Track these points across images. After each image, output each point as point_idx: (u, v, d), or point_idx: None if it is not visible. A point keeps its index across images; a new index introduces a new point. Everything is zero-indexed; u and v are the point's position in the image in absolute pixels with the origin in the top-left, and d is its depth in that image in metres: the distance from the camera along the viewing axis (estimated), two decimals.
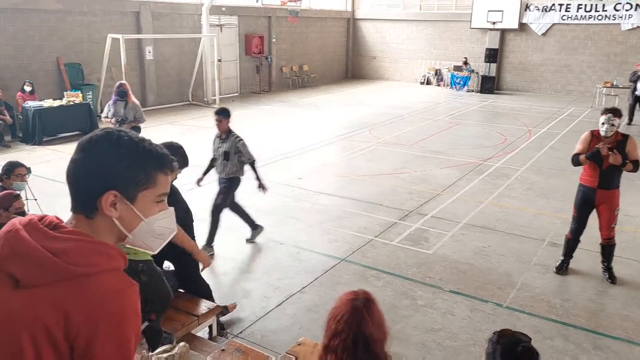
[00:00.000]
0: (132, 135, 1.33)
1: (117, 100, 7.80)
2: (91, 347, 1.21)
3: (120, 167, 1.29)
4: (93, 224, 1.31)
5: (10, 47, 12.24)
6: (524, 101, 18.56)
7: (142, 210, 1.34)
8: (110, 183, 1.28)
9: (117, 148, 1.29)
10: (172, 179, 3.77)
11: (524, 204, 7.91)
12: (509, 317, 4.80)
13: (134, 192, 1.31)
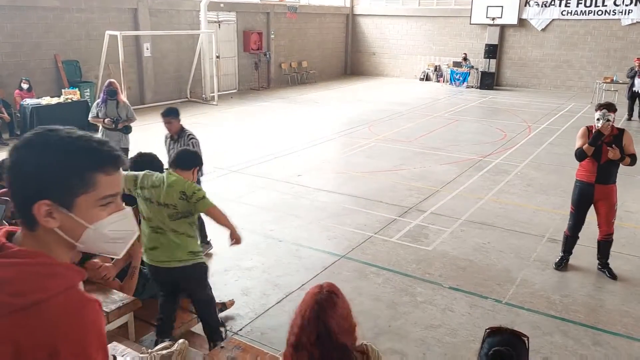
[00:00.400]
0: (66, 132, 1.19)
1: (107, 100, 7.48)
2: None
3: (49, 173, 1.15)
4: (37, 237, 1.19)
5: (7, 45, 12.20)
6: (523, 97, 18.54)
7: (85, 217, 1.20)
8: (41, 191, 1.15)
9: (44, 151, 1.15)
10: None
11: (524, 200, 7.90)
12: (508, 313, 4.79)
13: (70, 199, 1.18)
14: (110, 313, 3.48)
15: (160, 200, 3.68)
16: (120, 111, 7.43)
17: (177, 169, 3.79)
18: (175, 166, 3.81)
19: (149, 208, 3.73)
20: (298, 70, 21.59)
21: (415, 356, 4.18)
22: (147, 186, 3.71)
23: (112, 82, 7.65)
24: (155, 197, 3.70)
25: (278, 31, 20.37)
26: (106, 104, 7.44)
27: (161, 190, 3.69)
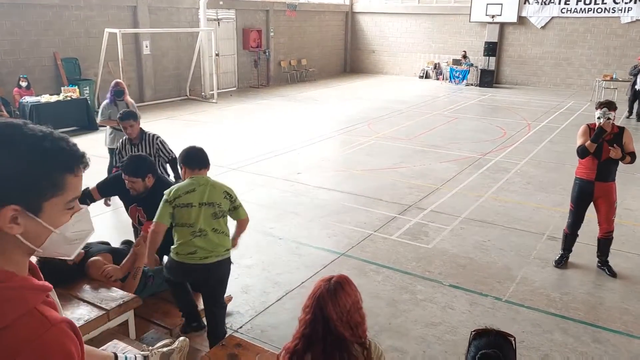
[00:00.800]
0: (30, 130, 1.08)
1: (115, 101, 7.39)
2: None
3: (17, 175, 1.04)
4: None
5: (6, 42, 12.18)
6: (523, 95, 18.53)
7: (51, 221, 1.12)
8: (8, 196, 1.04)
9: (11, 150, 1.04)
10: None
11: (523, 197, 7.90)
12: (508, 310, 4.79)
13: (38, 203, 1.08)
14: (110, 311, 3.49)
15: (204, 200, 3.68)
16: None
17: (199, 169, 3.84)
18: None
19: (189, 213, 3.66)
20: (297, 68, 21.57)
21: (415, 354, 4.19)
22: (181, 194, 3.67)
23: (119, 82, 7.55)
24: (197, 199, 3.67)
25: (277, 29, 20.34)
26: (115, 104, 7.33)
27: (204, 191, 3.69)
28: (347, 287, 2.27)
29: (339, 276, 2.33)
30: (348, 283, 2.30)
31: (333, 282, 2.27)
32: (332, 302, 2.21)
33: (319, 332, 2.21)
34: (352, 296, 2.26)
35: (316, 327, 2.22)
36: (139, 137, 5.54)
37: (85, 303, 3.53)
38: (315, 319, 2.22)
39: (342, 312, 2.22)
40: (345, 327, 2.22)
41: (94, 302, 3.54)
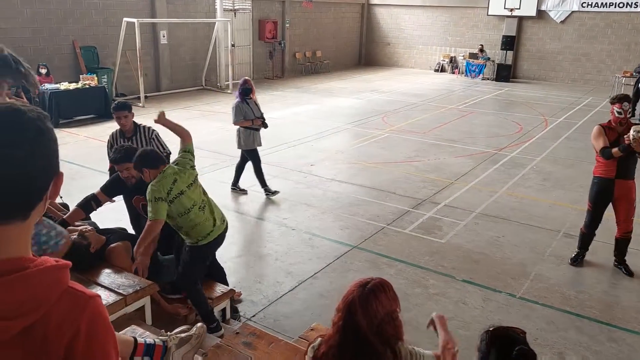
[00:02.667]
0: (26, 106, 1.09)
1: (245, 99, 7.03)
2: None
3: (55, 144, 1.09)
4: (27, 224, 1.07)
5: (27, 30, 12.30)
6: (540, 90, 18.33)
7: None
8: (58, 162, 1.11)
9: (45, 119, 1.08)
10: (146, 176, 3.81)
11: (540, 194, 7.83)
12: (522, 307, 4.77)
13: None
14: (127, 296, 3.54)
15: (188, 182, 3.87)
16: (258, 110, 7.17)
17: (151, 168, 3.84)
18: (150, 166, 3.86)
19: (185, 198, 3.82)
20: (312, 60, 21.51)
21: (427, 348, 4.18)
22: (171, 187, 3.77)
23: (248, 80, 7.28)
24: (183, 185, 3.83)
25: (293, 20, 20.29)
26: (248, 104, 7.06)
27: (181, 176, 3.84)
28: (382, 296, 2.07)
29: (375, 282, 2.12)
30: (384, 290, 2.10)
31: (367, 289, 2.07)
32: (363, 310, 2.03)
33: (348, 339, 2.05)
34: (387, 306, 2.06)
35: (346, 333, 2.05)
36: (132, 130, 5.20)
37: (103, 288, 3.58)
38: (346, 325, 2.06)
39: (372, 322, 2.03)
40: (376, 338, 2.04)
41: (111, 288, 3.59)
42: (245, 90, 7.06)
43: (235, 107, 7.05)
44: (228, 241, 5.89)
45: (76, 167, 8.46)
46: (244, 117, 6.99)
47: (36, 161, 1.03)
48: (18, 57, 2.55)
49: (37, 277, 1.04)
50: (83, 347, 1.06)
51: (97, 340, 1.09)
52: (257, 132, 7.17)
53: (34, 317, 1.02)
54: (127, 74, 14.51)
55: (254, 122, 7.06)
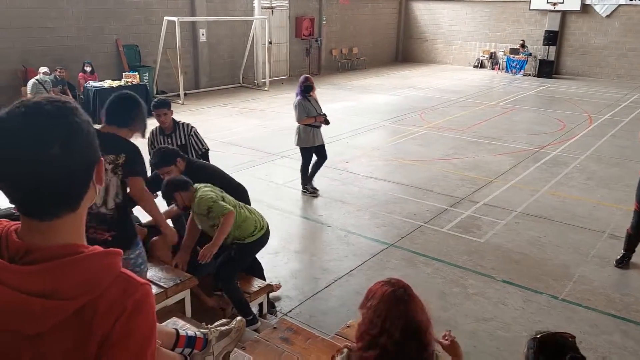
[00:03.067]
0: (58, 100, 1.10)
1: (306, 97, 6.96)
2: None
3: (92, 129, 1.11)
4: (77, 214, 1.10)
5: (72, 28, 12.68)
6: (584, 86, 17.77)
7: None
8: (98, 151, 1.12)
9: (80, 113, 1.09)
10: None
11: (583, 193, 7.60)
12: (564, 309, 4.64)
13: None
14: (168, 289, 3.61)
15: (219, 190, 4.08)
16: (318, 108, 7.14)
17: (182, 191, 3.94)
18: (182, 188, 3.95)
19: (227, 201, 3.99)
20: (348, 56, 21.45)
21: (465, 348, 4.09)
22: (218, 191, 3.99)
23: (309, 77, 7.22)
24: (219, 191, 4.02)
25: (330, 17, 20.27)
26: (306, 101, 6.99)
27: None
28: (417, 299, 2.05)
29: (395, 279, 2.10)
30: (407, 284, 2.08)
31: (402, 285, 2.06)
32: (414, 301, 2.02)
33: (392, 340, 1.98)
34: (423, 307, 2.05)
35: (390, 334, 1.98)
36: (171, 127, 5.13)
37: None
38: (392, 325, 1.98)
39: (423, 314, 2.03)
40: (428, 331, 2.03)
41: (153, 280, 3.67)
42: (306, 87, 7.01)
43: (298, 104, 6.98)
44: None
45: None
46: (307, 114, 6.94)
47: (72, 155, 1.03)
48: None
49: (90, 260, 1.08)
50: (124, 325, 1.09)
51: (139, 322, 1.12)
52: (318, 129, 7.13)
53: (87, 298, 1.06)
54: (167, 72, 14.80)
55: (317, 119, 7.04)
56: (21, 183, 1.02)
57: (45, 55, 12.04)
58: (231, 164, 7.95)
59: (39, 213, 1.06)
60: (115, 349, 1.09)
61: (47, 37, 12.29)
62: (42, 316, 1.03)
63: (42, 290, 1.02)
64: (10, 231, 1.11)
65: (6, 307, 1.02)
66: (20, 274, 1.02)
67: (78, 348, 1.08)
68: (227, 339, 2.45)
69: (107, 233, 3.15)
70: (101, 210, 3.12)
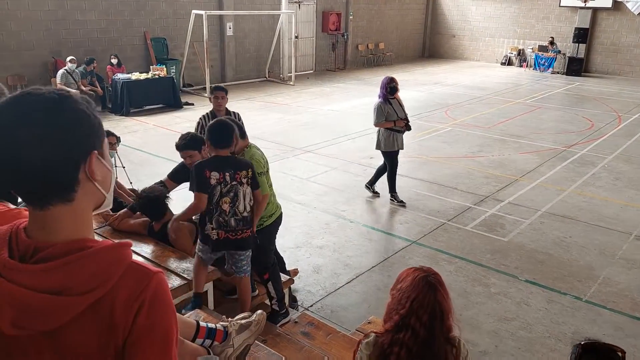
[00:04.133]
0: (55, 90, 1.10)
1: (389, 99, 6.62)
2: (134, 352, 1.12)
3: (91, 120, 1.10)
4: (74, 207, 1.10)
5: (102, 21, 12.90)
6: (614, 85, 17.38)
7: (108, 162, 1.17)
8: (91, 143, 1.09)
9: (71, 102, 1.08)
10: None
11: (611, 194, 7.46)
12: (588, 311, 4.58)
13: (102, 146, 1.14)
14: (192, 281, 3.67)
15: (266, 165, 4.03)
16: (402, 109, 6.75)
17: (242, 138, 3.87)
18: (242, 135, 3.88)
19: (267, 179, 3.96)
20: (374, 52, 21.34)
21: (487, 347, 4.11)
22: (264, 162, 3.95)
23: (394, 78, 6.86)
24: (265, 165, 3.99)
25: (357, 12, 20.19)
26: (390, 103, 6.62)
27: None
28: (445, 287, 2.14)
29: (427, 267, 2.19)
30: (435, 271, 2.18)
31: (433, 273, 2.14)
32: (443, 288, 2.10)
33: (421, 322, 2.05)
34: (449, 297, 2.14)
35: (419, 316, 2.05)
36: (225, 113, 5.33)
37: (169, 272, 3.74)
38: (421, 308, 2.06)
39: (449, 304, 2.10)
40: (451, 318, 2.12)
41: (177, 272, 3.74)
42: (392, 88, 6.64)
43: (377, 107, 6.66)
44: (287, 231, 6.02)
45: (145, 154, 8.83)
46: (386, 118, 6.58)
47: (48, 142, 1.02)
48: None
49: (100, 255, 1.09)
50: (145, 318, 1.11)
51: (159, 314, 1.14)
52: (400, 134, 6.72)
53: (100, 292, 1.07)
54: (194, 65, 14.95)
55: (397, 123, 6.62)
56: (3, 162, 1.03)
57: (75, 47, 12.28)
58: None
59: (31, 198, 1.09)
60: (141, 343, 1.11)
61: (78, 30, 12.53)
62: (56, 312, 1.06)
63: (54, 288, 1.04)
64: (19, 229, 1.13)
65: (21, 305, 1.05)
66: (32, 273, 1.05)
67: (100, 341, 1.10)
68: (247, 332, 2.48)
69: (247, 231, 3.60)
70: (244, 214, 3.56)
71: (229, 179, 3.47)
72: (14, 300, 1.05)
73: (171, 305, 1.18)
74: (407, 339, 2.07)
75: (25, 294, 1.04)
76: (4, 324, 1.07)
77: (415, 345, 2.05)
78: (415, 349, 2.05)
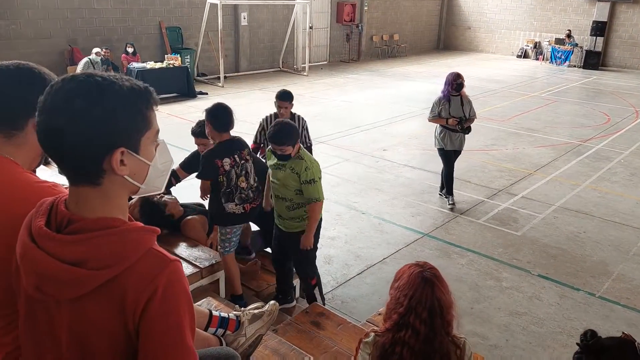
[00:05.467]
0: (107, 77, 1.14)
1: (451, 96, 6.25)
2: (148, 339, 1.14)
3: (120, 119, 1.11)
4: (103, 190, 1.15)
5: (118, 10, 12.95)
6: (632, 79, 17.11)
7: (147, 156, 1.20)
8: (115, 140, 1.12)
9: (107, 98, 1.11)
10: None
11: (626, 189, 7.37)
12: (601, 307, 4.55)
13: (137, 141, 1.16)
14: (203, 269, 3.71)
15: None
16: (465, 109, 6.24)
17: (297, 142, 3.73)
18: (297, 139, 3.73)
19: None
20: (389, 43, 21.19)
21: (497, 341, 4.10)
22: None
23: (460, 74, 6.41)
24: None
25: (372, 3, 20.04)
26: (450, 100, 6.26)
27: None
28: (444, 281, 2.13)
29: (423, 262, 2.18)
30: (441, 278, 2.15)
31: (429, 267, 2.14)
32: (441, 284, 2.09)
33: (420, 319, 2.05)
34: (449, 291, 2.13)
35: (417, 313, 2.05)
36: (289, 118, 5.09)
37: (181, 259, 3.77)
38: (419, 304, 2.06)
39: (449, 296, 2.10)
40: (451, 313, 2.11)
41: (189, 260, 3.77)
42: (458, 85, 6.23)
43: (434, 102, 6.40)
44: None
45: None
46: (439, 114, 6.27)
47: (78, 128, 1.08)
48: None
49: (122, 235, 1.14)
50: (158, 307, 1.13)
51: (173, 302, 1.15)
52: (454, 133, 6.26)
53: (115, 270, 1.11)
54: (208, 55, 14.97)
55: (448, 122, 6.22)
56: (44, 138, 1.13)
57: (91, 36, 12.36)
58: None
59: (66, 173, 1.17)
60: (153, 331, 1.13)
61: (93, 19, 12.60)
62: (73, 283, 1.11)
63: (75, 259, 1.10)
64: (60, 201, 1.20)
65: (44, 272, 1.12)
66: (59, 243, 1.12)
67: (112, 319, 1.13)
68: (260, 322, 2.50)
69: (259, 200, 3.92)
70: (255, 185, 3.84)
71: (239, 159, 3.72)
72: (38, 267, 1.13)
73: (187, 295, 1.19)
74: (408, 338, 2.05)
75: (49, 262, 1.11)
76: (30, 287, 1.16)
77: (417, 343, 2.04)
78: (418, 347, 2.04)
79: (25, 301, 1.23)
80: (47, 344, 1.22)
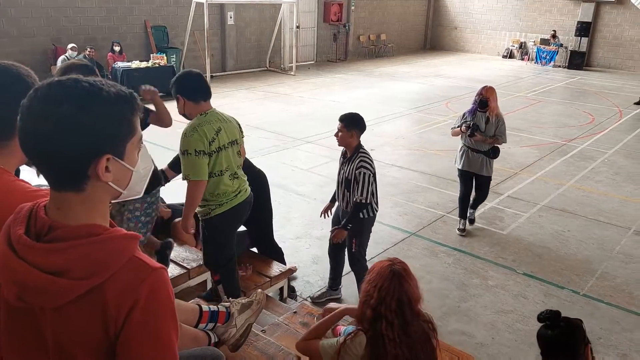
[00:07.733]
0: (94, 82, 1.12)
1: (477, 111, 5.85)
2: (127, 348, 1.12)
3: (107, 126, 1.10)
4: (86, 196, 1.13)
5: (102, 9, 12.83)
6: (616, 79, 17.34)
7: (130, 162, 1.19)
8: (102, 146, 1.10)
9: (95, 104, 1.09)
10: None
11: (610, 189, 7.47)
12: (585, 305, 4.61)
13: (122, 148, 1.15)
14: (191, 270, 3.69)
15: (230, 138, 3.38)
16: (489, 128, 5.74)
17: (188, 99, 3.31)
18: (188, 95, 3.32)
19: (222, 157, 3.31)
20: (376, 43, 21.26)
21: (483, 339, 4.14)
22: (214, 137, 3.25)
23: (486, 89, 6.02)
24: (225, 139, 3.32)
25: (359, 3, 20.09)
26: (474, 115, 5.86)
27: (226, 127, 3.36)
28: (412, 275, 2.24)
29: (394, 258, 2.29)
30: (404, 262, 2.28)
31: (398, 262, 2.25)
32: (410, 278, 2.21)
33: (390, 309, 2.16)
34: (417, 285, 2.24)
35: (387, 303, 2.16)
36: (352, 151, 4.65)
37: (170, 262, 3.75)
38: (387, 295, 2.16)
39: (416, 290, 2.21)
40: (419, 304, 2.24)
41: (176, 261, 3.76)
42: (481, 102, 5.84)
43: (461, 116, 6.04)
44: (287, 222, 6.03)
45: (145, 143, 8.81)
46: (458, 125, 5.91)
47: (61, 134, 1.06)
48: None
49: (104, 243, 1.12)
50: (139, 317, 1.11)
51: (154, 312, 1.14)
52: (473, 152, 5.77)
53: (97, 280, 1.09)
54: (194, 54, 14.89)
55: (461, 128, 5.84)
56: (28, 144, 1.10)
57: (75, 35, 12.23)
58: (255, 148, 8.01)
59: (48, 179, 1.14)
60: (134, 340, 1.12)
61: (78, 17, 12.47)
62: (54, 293, 1.08)
63: (56, 269, 1.08)
64: (39, 207, 1.17)
65: (25, 282, 1.09)
66: (40, 252, 1.09)
67: (95, 328, 1.11)
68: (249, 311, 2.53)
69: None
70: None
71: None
72: (18, 277, 1.10)
73: (170, 303, 1.18)
74: (385, 330, 2.15)
75: (30, 272, 1.08)
76: (11, 296, 1.13)
77: (395, 334, 2.14)
78: (399, 339, 2.14)
79: (6, 311, 1.20)
80: (33, 351, 1.20)
